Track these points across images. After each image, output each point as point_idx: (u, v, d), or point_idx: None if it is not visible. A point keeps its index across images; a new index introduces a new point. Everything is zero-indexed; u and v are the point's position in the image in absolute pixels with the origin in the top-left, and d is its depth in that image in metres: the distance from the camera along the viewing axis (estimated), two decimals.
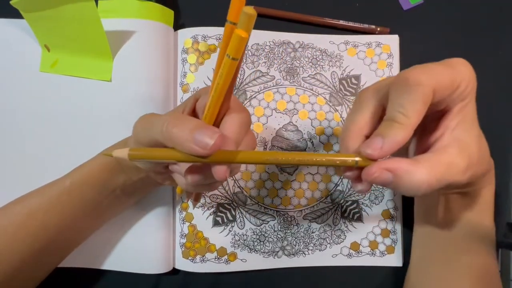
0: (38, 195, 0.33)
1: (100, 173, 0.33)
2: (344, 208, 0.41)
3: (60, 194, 0.32)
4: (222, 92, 0.24)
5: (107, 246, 0.38)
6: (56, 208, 0.32)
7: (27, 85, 0.39)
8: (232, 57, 0.22)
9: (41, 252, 0.33)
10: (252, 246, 0.40)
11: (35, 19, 0.37)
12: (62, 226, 0.33)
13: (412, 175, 0.24)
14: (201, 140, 0.23)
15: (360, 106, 0.28)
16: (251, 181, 0.41)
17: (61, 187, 0.33)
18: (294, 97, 0.42)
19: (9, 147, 0.39)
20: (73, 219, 0.33)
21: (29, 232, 0.32)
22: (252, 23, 0.20)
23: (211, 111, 0.26)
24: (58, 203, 0.32)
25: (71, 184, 0.33)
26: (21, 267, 0.32)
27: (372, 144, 0.25)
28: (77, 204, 0.33)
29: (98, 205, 0.34)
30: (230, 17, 0.22)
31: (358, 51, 0.43)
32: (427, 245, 0.37)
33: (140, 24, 0.39)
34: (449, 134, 0.27)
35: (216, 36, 0.41)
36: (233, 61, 0.22)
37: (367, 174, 0.25)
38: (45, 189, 0.33)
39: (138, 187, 0.35)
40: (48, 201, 0.32)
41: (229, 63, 0.22)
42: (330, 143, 0.42)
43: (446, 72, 0.25)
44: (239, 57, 0.22)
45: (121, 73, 0.39)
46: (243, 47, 0.21)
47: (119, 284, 0.39)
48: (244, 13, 0.20)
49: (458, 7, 0.44)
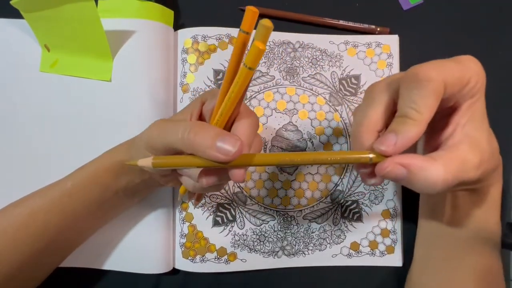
0: (39, 196, 0.33)
1: (102, 175, 0.33)
2: (344, 208, 0.41)
3: (61, 195, 0.32)
4: (235, 99, 0.25)
5: (107, 246, 0.38)
6: (57, 209, 0.32)
7: (27, 85, 0.39)
8: (249, 67, 0.22)
9: (42, 253, 0.33)
10: (252, 246, 0.40)
11: (35, 19, 0.37)
12: (63, 227, 0.33)
13: (428, 171, 0.24)
14: (223, 148, 0.24)
15: (372, 101, 0.28)
16: (251, 181, 0.41)
17: (63, 189, 0.32)
18: (294, 97, 0.42)
19: (9, 147, 0.39)
20: (74, 220, 0.33)
21: (30, 233, 0.32)
22: (269, 35, 0.22)
23: (223, 116, 0.26)
24: (60, 204, 0.32)
25: (72, 186, 0.32)
26: (21, 267, 0.32)
27: (386, 140, 0.25)
28: (79, 206, 0.33)
29: (99, 206, 0.34)
30: (243, 26, 0.23)
31: (358, 51, 0.43)
32: (432, 244, 0.37)
33: (140, 24, 0.39)
34: (460, 131, 0.27)
35: (216, 36, 0.41)
36: (249, 71, 0.23)
37: (381, 169, 0.25)
38: (46, 190, 0.33)
39: (141, 188, 0.35)
40: (49, 202, 0.32)
41: (245, 72, 0.23)
42: (330, 143, 0.42)
43: (456, 68, 0.25)
44: (255, 67, 0.23)
45: (121, 73, 0.39)
46: (260, 58, 0.22)
47: (119, 284, 0.39)
48: (262, 26, 0.21)
49: (458, 7, 0.44)
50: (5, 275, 0.31)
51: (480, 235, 0.34)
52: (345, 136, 0.42)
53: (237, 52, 0.24)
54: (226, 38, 0.41)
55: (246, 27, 0.23)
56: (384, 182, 0.41)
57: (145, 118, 0.38)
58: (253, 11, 0.22)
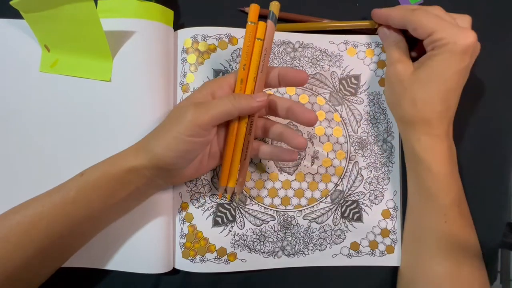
0: (40, 204, 0.32)
1: (108, 182, 0.32)
2: (344, 208, 0.41)
3: (64, 203, 0.32)
4: (265, 70, 0.35)
5: (107, 246, 0.38)
6: (61, 217, 0.32)
7: (27, 85, 0.39)
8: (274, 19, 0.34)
9: (42, 257, 0.32)
10: (252, 246, 0.40)
11: (35, 19, 0.37)
12: (66, 232, 0.32)
13: None
14: (260, 99, 0.34)
15: None
16: (251, 181, 0.41)
17: (66, 197, 0.32)
18: (294, 97, 0.42)
19: (8, 147, 0.39)
20: (78, 226, 0.33)
21: (32, 239, 0.31)
22: (278, 9, 0.34)
23: (257, 83, 0.35)
24: (63, 211, 0.32)
25: (76, 194, 0.32)
26: (21, 271, 0.31)
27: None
28: (82, 213, 0.32)
29: (103, 212, 0.34)
30: (250, 18, 0.34)
31: (358, 51, 0.43)
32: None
33: (140, 24, 0.39)
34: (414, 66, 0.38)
35: (216, 36, 0.41)
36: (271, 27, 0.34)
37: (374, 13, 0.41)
38: (47, 197, 0.32)
39: (147, 191, 0.36)
40: (52, 209, 0.32)
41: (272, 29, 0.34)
42: (330, 143, 0.42)
43: (431, 19, 0.36)
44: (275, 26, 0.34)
45: (121, 73, 0.39)
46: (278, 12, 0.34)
47: (119, 284, 0.39)
48: (273, 5, 0.34)
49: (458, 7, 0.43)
50: (7, 279, 0.31)
51: None
52: (345, 136, 0.42)
53: (248, 38, 0.34)
54: (226, 38, 0.41)
55: (251, 19, 0.34)
56: (385, 182, 0.41)
57: (145, 118, 0.38)
58: (256, 6, 0.34)
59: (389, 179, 0.42)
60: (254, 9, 0.34)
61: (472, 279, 0.36)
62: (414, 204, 0.39)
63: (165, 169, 0.33)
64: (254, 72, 0.35)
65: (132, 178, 0.33)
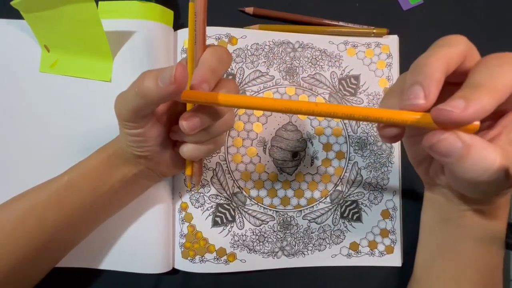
0: (36, 191, 0.33)
1: (97, 169, 0.33)
2: (343, 208, 0.41)
3: (57, 189, 0.33)
4: (192, 39, 0.30)
5: (106, 245, 0.38)
6: (54, 204, 0.33)
7: (27, 85, 0.39)
8: None
9: (38, 251, 0.33)
10: (252, 247, 0.40)
11: (35, 19, 0.37)
12: (60, 223, 0.33)
13: (486, 151, 0.22)
14: (164, 79, 0.25)
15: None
16: (251, 181, 0.41)
17: (59, 183, 0.33)
18: (294, 97, 0.42)
19: (8, 147, 0.39)
20: (70, 215, 0.33)
21: (27, 229, 0.32)
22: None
23: (191, 58, 0.30)
24: (56, 198, 0.33)
25: (68, 180, 0.33)
26: (18, 265, 0.32)
27: (453, 103, 0.21)
28: (75, 200, 0.33)
29: (95, 201, 0.34)
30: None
31: (358, 51, 0.43)
32: (433, 255, 0.35)
33: (140, 25, 0.39)
34: (505, 135, 0.25)
35: (215, 36, 0.41)
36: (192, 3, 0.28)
37: (433, 137, 0.22)
38: (44, 185, 0.34)
39: (137, 181, 0.35)
40: (47, 196, 0.33)
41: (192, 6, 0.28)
42: (329, 143, 0.42)
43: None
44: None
45: (121, 73, 0.39)
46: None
47: (119, 284, 0.39)
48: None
49: (458, 7, 0.44)
50: (3, 272, 0.31)
51: (486, 241, 0.33)
52: (345, 136, 0.42)
53: (192, 17, 0.30)
54: (225, 38, 0.41)
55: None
56: (384, 182, 0.41)
57: None
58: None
59: (388, 179, 0.42)
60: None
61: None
62: None
63: None
64: (191, 47, 0.30)
65: (115, 162, 0.33)
